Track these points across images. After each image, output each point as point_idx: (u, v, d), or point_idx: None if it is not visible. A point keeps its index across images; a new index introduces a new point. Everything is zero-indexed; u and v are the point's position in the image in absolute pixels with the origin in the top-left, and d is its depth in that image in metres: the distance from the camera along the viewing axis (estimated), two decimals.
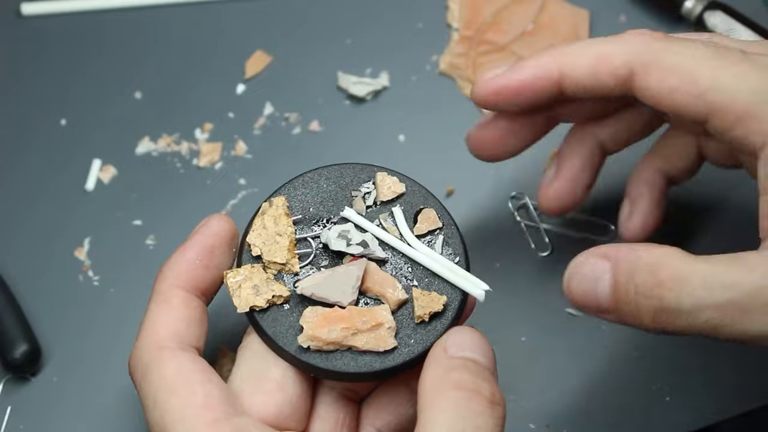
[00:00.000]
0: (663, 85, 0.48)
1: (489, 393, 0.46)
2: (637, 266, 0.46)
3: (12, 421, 0.62)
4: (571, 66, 0.51)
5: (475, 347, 0.47)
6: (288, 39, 0.73)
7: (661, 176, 0.59)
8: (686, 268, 0.45)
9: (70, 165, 0.69)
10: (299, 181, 0.52)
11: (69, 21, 0.74)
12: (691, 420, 0.61)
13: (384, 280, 0.50)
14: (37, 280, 0.65)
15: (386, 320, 0.49)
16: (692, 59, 0.48)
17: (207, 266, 0.51)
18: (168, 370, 0.47)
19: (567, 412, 0.61)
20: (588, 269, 0.48)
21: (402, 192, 0.52)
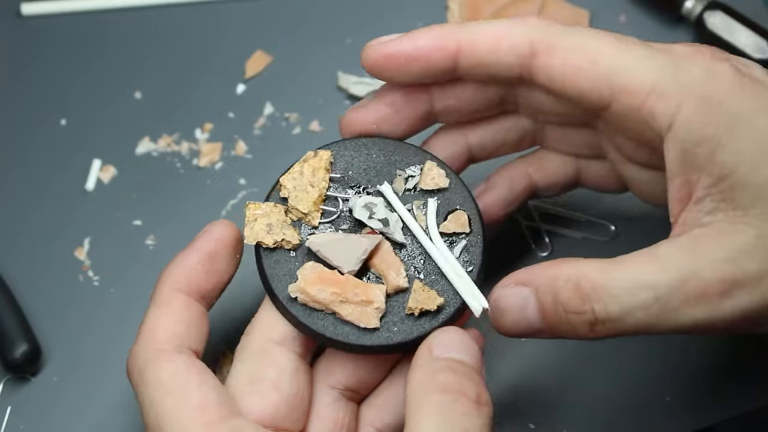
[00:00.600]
0: (566, 65, 0.47)
1: (475, 394, 0.46)
2: (558, 286, 0.46)
3: (12, 421, 0.62)
4: (471, 40, 0.50)
5: (461, 348, 0.47)
6: (288, 39, 0.73)
7: (526, 180, 0.58)
8: (605, 276, 0.45)
9: (70, 165, 0.69)
10: (352, 143, 0.52)
11: (69, 21, 0.74)
12: (691, 420, 0.61)
13: (392, 262, 0.50)
14: (37, 280, 0.65)
15: (377, 300, 0.49)
16: (596, 42, 0.47)
17: (208, 271, 0.51)
18: (164, 372, 0.47)
19: (567, 412, 0.61)
20: (510, 301, 0.48)
21: (444, 187, 0.52)
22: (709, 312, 0.45)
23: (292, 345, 0.50)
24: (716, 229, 0.45)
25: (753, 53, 0.68)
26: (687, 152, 0.45)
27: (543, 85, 0.49)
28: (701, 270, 0.44)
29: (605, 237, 0.65)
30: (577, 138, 0.55)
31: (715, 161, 0.45)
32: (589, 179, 0.58)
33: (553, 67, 0.48)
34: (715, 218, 0.45)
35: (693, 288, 0.44)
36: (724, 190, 0.45)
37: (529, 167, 0.58)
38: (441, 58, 0.50)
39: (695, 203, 0.46)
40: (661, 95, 0.45)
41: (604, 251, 0.65)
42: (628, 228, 0.65)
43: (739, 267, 0.44)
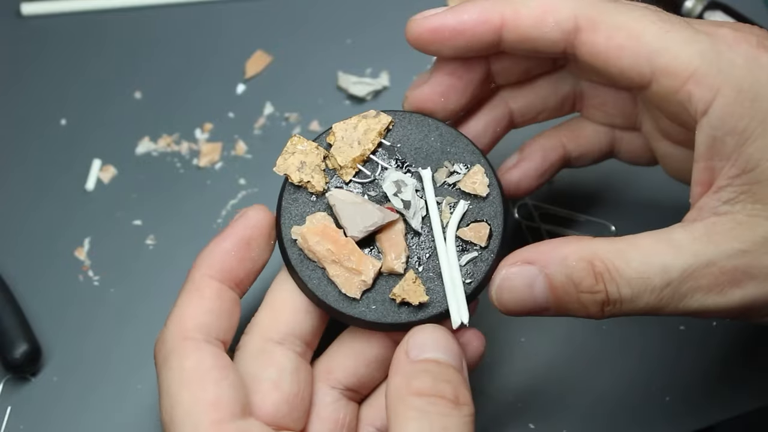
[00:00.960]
0: (610, 43, 0.47)
1: (452, 394, 0.46)
2: (571, 265, 0.46)
3: (12, 421, 0.62)
4: (515, 14, 0.49)
5: (438, 346, 0.47)
6: (288, 39, 0.73)
7: (560, 150, 0.58)
8: (619, 257, 0.46)
9: (70, 165, 0.69)
10: (416, 118, 0.52)
11: (69, 21, 0.74)
12: (691, 420, 0.61)
13: (396, 243, 0.50)
14: (37, 280, 0.65)
15: (366, 273, 0.49)
16: (640, 21, 0.47)
17: (242, 258, 0.50)
18: (187, 361, 0.47)
19: (567, 412, 0.61)
20: (517, 279, 0.47)
21: (481, 195, 0.51)
22: (718, 300, 0.45)
23: (292, 344, 0.50)
24: (734, 219, 0.45)
25: None
26: (717, 139, 0.45)
27: (585, 61, 0.49)
28: (716, 258, 0.45)
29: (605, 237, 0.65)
30: (614, 109, 0.56)
31: (742, 153, 0.45)
32: (622, 151, 0.58)
33: (596, 45, 0.48)
34: (732, 208, 0.45)
35: (706, 275, 0.45)
36: (747, 182, 0.45)
37: (563, 137, 0.58)
38: (485, 32, 0.50)
39: (715, 191, 0.46)
40: (700, 81, 0.45)
41: None
42: (628, 228, 0.65)
43: (754, 259, 0.45)
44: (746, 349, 0.62)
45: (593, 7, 0.48)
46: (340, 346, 0.52)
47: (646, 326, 0.62)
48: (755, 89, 0.45)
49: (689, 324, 0.63)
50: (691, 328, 0.63)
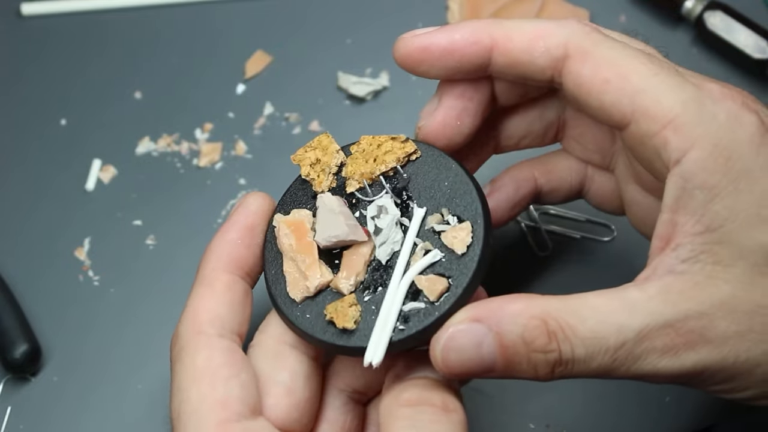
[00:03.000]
0: (595, 75, 0.46)
1: (440, 401, 0.46)
2: (523, 324, 0.44)
3: (12, 421, 0.62)
4: (506, 37, 0.48)
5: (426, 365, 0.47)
6: (288, 39, 0.73)
7: (532, 183, 0.57)
8: (572, 317, 0.44)
9: (70, 165, 0.69)
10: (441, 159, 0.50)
11: (69, 21, 0.74)
12: (691, 420, 0.61)
13: (354, 264, 0.49)
14: (37, 280, 0.65)
15: (311, 281, 0.49)
16: (631, 59, 0.46)
17: (249, 245, 0.50)
18: (199, 357, 0.47)
19: (567, 412, 0.61)
20: (465, 338, 0.45)
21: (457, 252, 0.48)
22: (671, 363, 0.44)
23: (306, 348, 0.50)
24: (692, 279, 0.44)
25: (753, 53, 0.68)
26: (686, 191, 0.44)
27: (569, 91, 0.48)
28: (673, 319, 0.44)
29: (605, 237, 0.65)
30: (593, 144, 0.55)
31: (709, 209, 0.44)
32: (592, 191, 0.57)
33: (582, 76, 0.47)
34: (691, 268, 0.44)
35: (662, 336, 0.44)
36: (709, 241, 0.44)
37: (536, 170, 0.57)
38: (475, 53, 0.49)
39: (674, 248, 0.45)
40: (678, 129, 0.45)
41: (604, 251, 0.65)
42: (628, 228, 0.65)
43: (710, 322, 0.44)
44: None
45: (586, 38, 0.47)
46: None
47: None
48: (732, 147, 0.44)
49: None
50: None
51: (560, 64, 0.48)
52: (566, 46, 0.47)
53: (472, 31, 0.49)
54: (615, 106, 0.46)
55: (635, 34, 0.51)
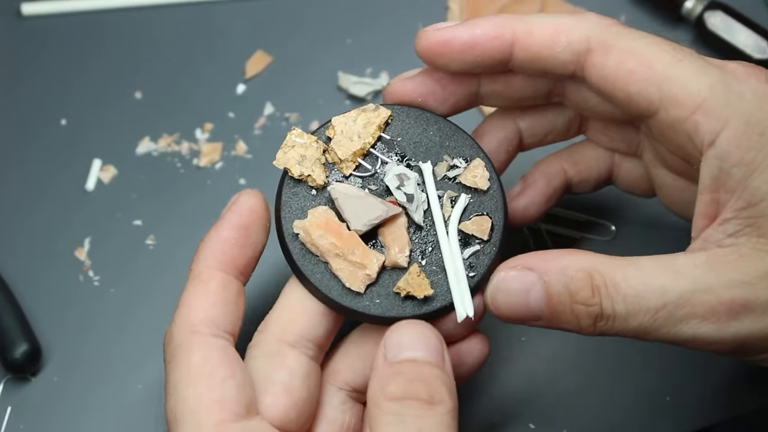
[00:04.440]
0: (620, 67, 0.47)
1: (426, 394, 0.45)
2: (570, 275, 0.46)
3: (12, 421, 0.62)
4: (528, 32, 0.49)
5: (414, 344, 0.47)
6: (288, 39, 0.73)
7: (562, 176, 0.58)
8: (618, 274, 0.46)
9: (70, 165, 0.69)
10: (414, 112, 0.52)
11: (69, 21, 0.74)
12: (691, 420, 0.61)
13: (399, 237, 0.49)
14: (37, 280, 0.65)
15: (370, 267, 0.49)
16: (653, 48, 0.47)
17: (243, 245, 0.50)
18: (194, 357, 0.47)
19: (567, 412, 0.61)
20: (515, 283, 0.47)
21: (482, 188, 0.51)
22: (712, 330, 0.45)
23: (305, 348, 0.50)
24: (737, 252, 0.45)
25: (753, 53, 0.68)
26: (723, 171, 0.45)
27: (593, 84, 0.49)
28: (715, 287, 0.45)
29: (605, 237, 0.65)
30: (617, 134, 0.56)
31: (748, 185, 0.45)
32: (621, 177, 0.58)
33: (606, 68, 0.48)
34: (737, 241, 0.45)
35: (703, 302, 0.45)
36: (752, 215, 0.45)
37: (564, 163, 0.58)
38: (497, 48, 0.50)
39: (720, 223, 0.46)
40: (708, 112, 0.45)
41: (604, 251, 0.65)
42: (628, 228, 0.65)
43: (753, 292, 0.44)
44: None
45: (607, 31, 0.48)
46: (348, 347, 0.52)
47: None
48: (763, 123, 0.45)
49: None
50: None
51: (582, 58, 0.48)
52: (588, 40, 0.48)
53: (493, 26, 0.49)
54: (642, 96, 0.47)
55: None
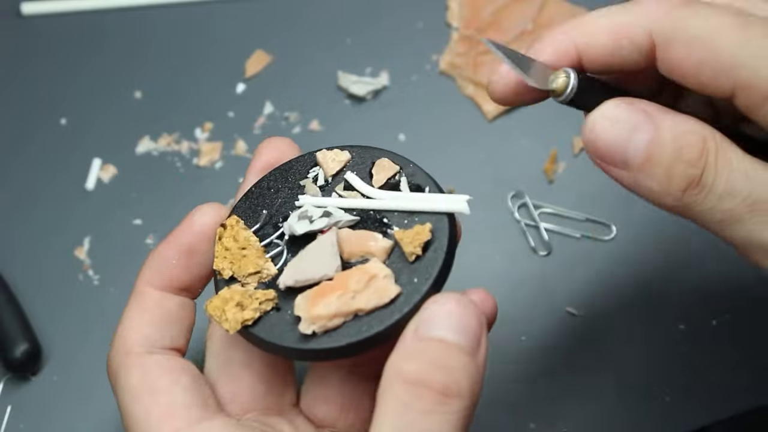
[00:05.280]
0: (687, 59, 0.45)
1: (441, 384, 0.41)
2: (683, 129, 0.43)
3: (12, 421, 0.62)
4: (589, 44, 0.47)
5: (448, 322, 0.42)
6: (288, 39, 0.73)
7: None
8: (731, 148, 0.43)
9: (70, 164, 0.69)
10: (246, 199, 0.49)
11: (69, 21, 0.74)
12: (691, 420, 0.61)
13: (361, 237, 0.46)
14: (37, 279, 0.65)
15: (379, 269, 0.44)
16: (717, 31, 0.44)
17: (186, 266, 0.48)
18: (133, 377, 0.46)
19: (567, 411, 0.61)
20: (625, 115, 0.44)
21: (347, 159, 0.48)
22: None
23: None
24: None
25: None
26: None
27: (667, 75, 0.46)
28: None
29: (605, 237, 0.65)
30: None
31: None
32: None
33: (673, 61, 0.45)
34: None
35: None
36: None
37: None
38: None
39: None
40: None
41: (604, 251, 0.65)
42: (628, 228, 0.65)
43: None
44: (746, 349, 0.62)
45: (668, 18, 0.45)
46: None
47: (647, 326, 0.62)
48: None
49: (689, 323, 0.63)
50: (691, 328, 0.63)
51: (651, 53, 0.46)
52: (650, 36, 0.46)
53: (554, 51, 0.48)
54: (714, 85, 0.45)
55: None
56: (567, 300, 0.63)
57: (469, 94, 0.70)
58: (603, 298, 0.64)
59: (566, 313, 0.63)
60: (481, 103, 0.70)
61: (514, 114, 0.69)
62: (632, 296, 0.63)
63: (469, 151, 0.68)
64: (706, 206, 0.44)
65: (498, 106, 0.69)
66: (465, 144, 0.68)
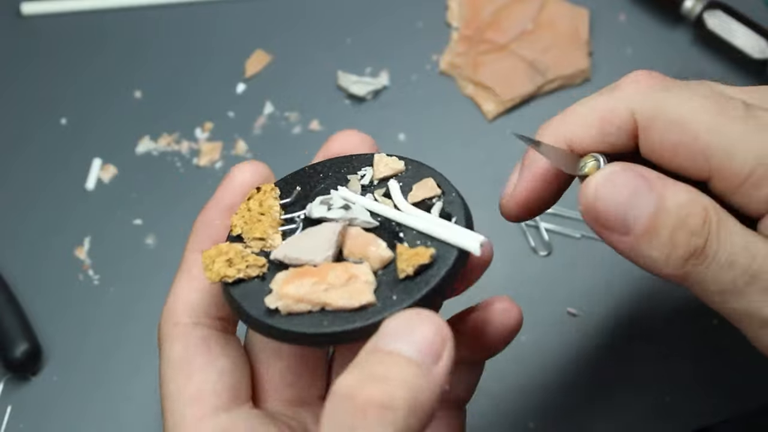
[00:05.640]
0: (665, 141, 0.45)
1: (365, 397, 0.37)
2: (688, 198, 0.43)
3: (12, 420, 0.62)
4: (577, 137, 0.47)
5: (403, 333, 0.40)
6: (288, 39, 0.73)
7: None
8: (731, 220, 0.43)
9: (70, 164, 0.69)
10: (295, 175, 0.49)
11: (69, 21, 0.74)
12: (691, 420, 0.61)
13: (366, 240, 0.45)
14: (37, 279, 0.65)
15: (363, 273, 0.44)
16: (693, 115, 0.44)
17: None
18: (173, 351, 0.46)
19: (567, 411, 0.61)
20: (626, 180, 0.43)
21: (401, 169, 0.48)
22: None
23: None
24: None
25: (752, 53, 0.68)
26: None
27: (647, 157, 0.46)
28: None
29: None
30: None
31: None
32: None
33: (652, 143, 0.45)
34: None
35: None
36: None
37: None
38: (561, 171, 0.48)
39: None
40: (757, 184, 0.43)
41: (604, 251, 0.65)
42: None
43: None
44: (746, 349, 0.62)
45: (650, 99, 0.45)
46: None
47: (647, 325, 0.62)
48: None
49: (690, 323, 0.63)
50: (691, 328, 0.63)
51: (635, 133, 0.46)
52: (633, 116, 0.46)
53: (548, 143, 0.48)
54: (691, 168, 0.44)
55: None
56: (567, 300, 0.63)
57: (469, 94, 0.70)
58: (603, 298, 0.64)
59: (566, 313, 0.63)
60: (481, 103, 0.70)
61: (514, 114, 0.69)
62: (632, 296, 0.63)
63: (469, 151, 0.68)
64: (708, 276, 0.43)
65: (498, 106, 0.69)
66: (465, 144, 0.68)
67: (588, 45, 0.71)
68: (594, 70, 0.70)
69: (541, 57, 0.70)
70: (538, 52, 0.70)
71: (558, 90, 0.70)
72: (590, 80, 0.70)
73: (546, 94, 0.70)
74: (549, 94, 0.70)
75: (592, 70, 0.70)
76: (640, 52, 0.71)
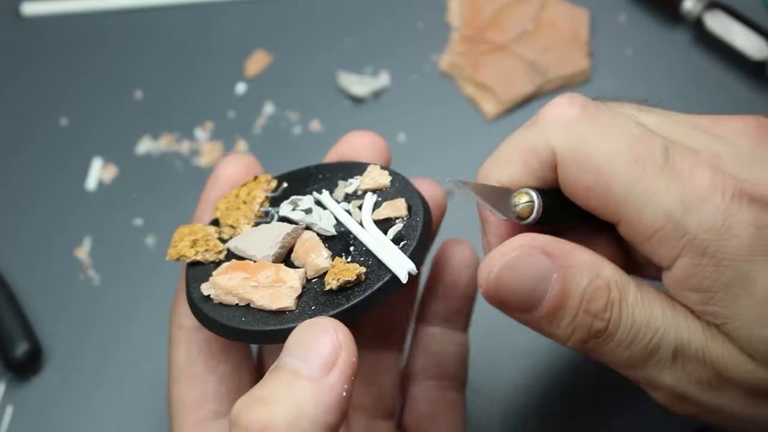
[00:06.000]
0: (579, 182, 0.44)
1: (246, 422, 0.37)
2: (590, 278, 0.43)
3: (13, 420, 0.62)
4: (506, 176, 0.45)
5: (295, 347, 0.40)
6: (288, 39, 0.73)
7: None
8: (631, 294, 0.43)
9: (70, 164, 0.69)
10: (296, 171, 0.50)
11: (69, 21, 0.74)
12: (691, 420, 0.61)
13: (312, 246, 0.46)
14: (37, 279, 0.65)
15: (291, 279, 0.44)
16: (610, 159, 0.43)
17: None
18: (178, 355, 0.47)
19: (567, 411, 0.61)
20: (531, 264, 0.42)
21: (385, 185, 0.48)
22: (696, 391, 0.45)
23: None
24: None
25: (752, 53, 0.68)
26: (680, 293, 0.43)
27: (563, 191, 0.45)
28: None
29: None
30: None
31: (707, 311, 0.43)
32: None
33: (567, 182, 0.44)
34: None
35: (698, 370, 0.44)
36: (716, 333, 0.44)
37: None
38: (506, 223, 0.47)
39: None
40: (663, 241, 0.43)
41: None
42: None
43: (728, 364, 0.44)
44: None
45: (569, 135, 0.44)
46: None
47: None
48: (719, 253, 0.42)
49: None
50: None
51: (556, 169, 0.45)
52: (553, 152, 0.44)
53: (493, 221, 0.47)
54: (602, 212, 0.44)
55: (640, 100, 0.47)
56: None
57: (469, 94, 0.70)
58: None
59: None
60: (481, 103, 0.70)
61: (514, 114, 0.69)
62: None
63: (469, 151, 0.68)
64: (608, 352, 0.43)
65: (498, 106, 0.69)
66: (465, 144, 0.68)
67: (588, 45, 0.71)
68: (594, 70, 0.71)
69: (541, 57, 0.70)
70: (538, 52, 0.70)
71: (558, 90, 0.70)
72: (590, 80, 0.70)
73: (546, 95, 0.70)
74: (549, 94, 0.70)
75: (592, 70, 0.70)
76: (640, 53, 0.71)
